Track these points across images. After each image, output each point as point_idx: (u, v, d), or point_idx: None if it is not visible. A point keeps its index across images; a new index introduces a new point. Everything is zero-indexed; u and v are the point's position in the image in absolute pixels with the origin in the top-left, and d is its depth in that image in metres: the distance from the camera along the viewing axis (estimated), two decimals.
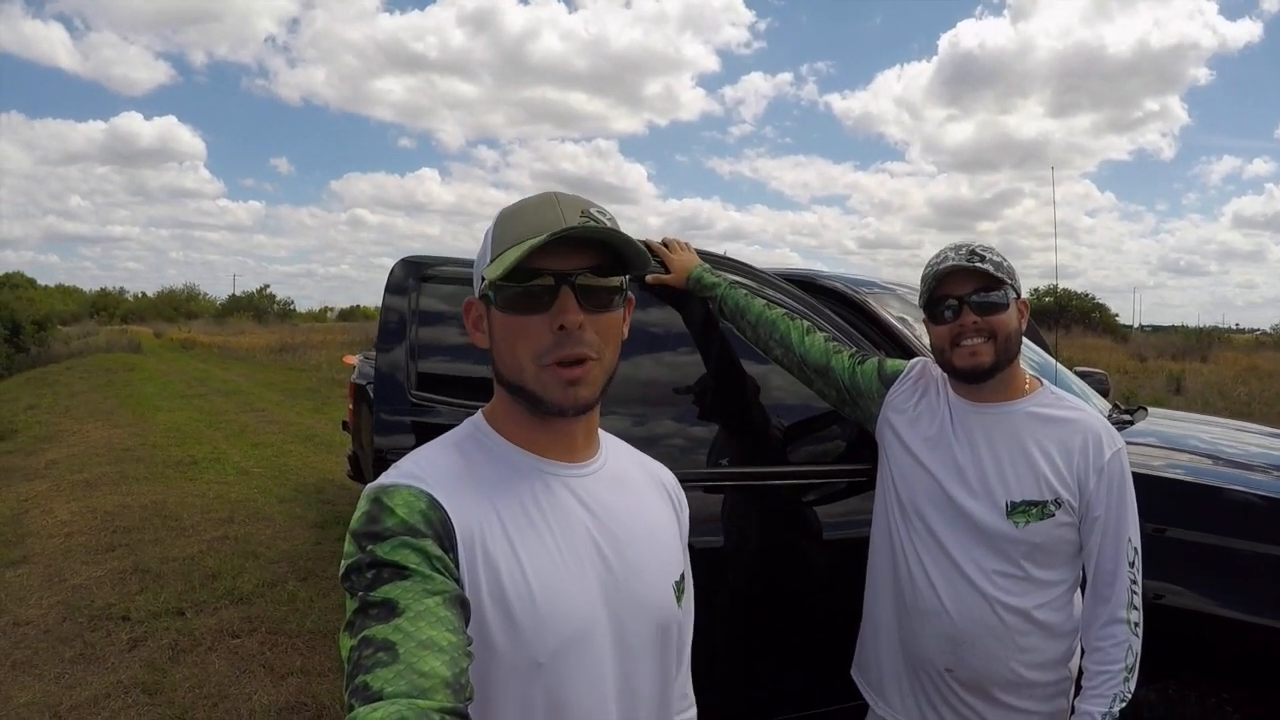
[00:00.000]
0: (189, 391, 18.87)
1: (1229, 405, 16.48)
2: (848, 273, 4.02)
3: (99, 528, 7.61)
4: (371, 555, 1.10)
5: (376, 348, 3.20)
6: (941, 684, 2.18)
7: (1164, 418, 4.49)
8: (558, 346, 1.24)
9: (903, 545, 2.23)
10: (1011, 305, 2.13)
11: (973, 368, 2.11)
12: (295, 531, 7.59)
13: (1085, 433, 2.11)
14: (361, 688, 0.97)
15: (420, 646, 1.00)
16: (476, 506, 1.22)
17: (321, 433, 12.97)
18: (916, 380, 2.34)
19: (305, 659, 4.96)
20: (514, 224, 1.27)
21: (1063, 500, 2.07)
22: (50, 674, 4.75)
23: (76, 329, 42.72)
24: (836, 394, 2.47)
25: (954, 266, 2.10)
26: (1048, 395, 2.20)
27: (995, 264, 2.10)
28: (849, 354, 2.48)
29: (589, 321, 1.25)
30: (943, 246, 2.21)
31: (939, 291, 2.15)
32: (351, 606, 1.08)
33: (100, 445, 11.79)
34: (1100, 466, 2.07)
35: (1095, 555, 2.07)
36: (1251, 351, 31.92)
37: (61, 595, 5.94)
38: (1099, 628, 2.05)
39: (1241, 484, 2.97)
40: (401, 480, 1.21)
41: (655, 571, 1.36)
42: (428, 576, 1.09)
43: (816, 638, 2.70)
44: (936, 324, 2.17)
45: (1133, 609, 2.03)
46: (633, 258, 1.29)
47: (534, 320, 1.24)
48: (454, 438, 1.35)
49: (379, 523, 1.14)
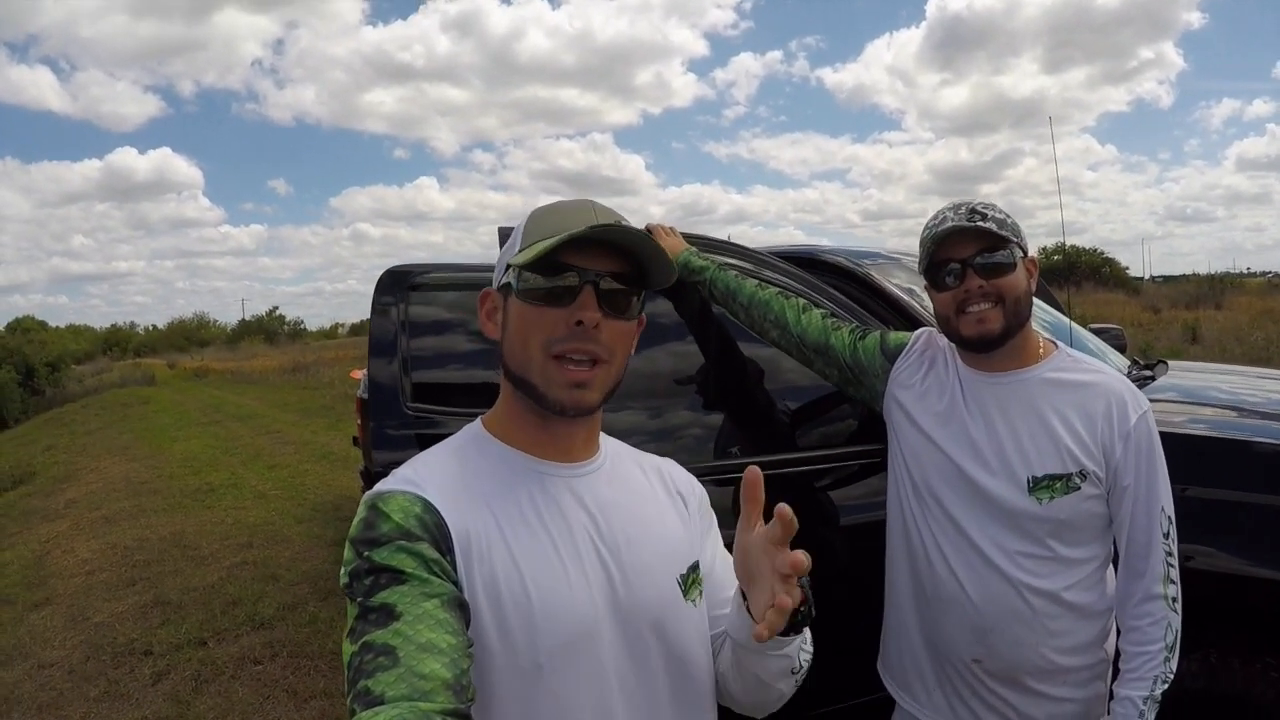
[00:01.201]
0: (204, 419, 18.96)
1: (1247, 351, 16.33)
2: (852, 246, 3.92)
3: (119, 563, 7.63)
4: (369, 561, 1.11)
5: (369, 361, 3.13)
6: (970, 676, 2.05)
7: (1184, 370, 4.38)
8: (571, 339, 1.24)
9: (919, 531, 2.10)
10: (1019, 265, 1.96)
11: (981, 335, 1.95)
12: (314, 551, 7.58)
13: (1108, 396, 1.95)
14: (363, 692, 0.99)
15: (420, 649, 1.02)
16: (473, 510, 1.22)
17: (337, 450, 12.95)
18: (922, 352, 2.20)
19: (328, 681, 4.93)
20: (548, 219, 1.29)
21: (1088, 471, 1.92)
22: (76, 715, 4.74)
23: (90, 367, 43.08)
24: (839, 373, 2.34)
25: (953, 228, 1.95)
26: (1064, 358, 2.05)
27: (999, 221, 1.95)
28: (849, 330, 2.34)
29: (605, 324, 1.25)
30: (940, 207, 2.06)
31: (939, 255, 1.99)
32: (352, 613, 1.09)
33: (118, 480, 11.84)
34: (1126, 432, 1.92)
35: (1126, 527, 1.92)
36: (1265, 295, 31.66)
37: (85, 634, 5.94)
38: (1134, 605, 1.90)
39: (1268, 435, 2.86)
40: (397, 486, 1.21)
41: (657, 569, 1.33)
42: (425, 580, 1.10)
43: (839, 630, 2.61)
44: (939, 290, 2.01)
45: (1170, 583, 1.89)
46: (655, 273, 1.31)
47: (553, 312, 1.25)
48: (453, 443, 1.35)
49: (375, 529, 1.15)
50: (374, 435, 3.01)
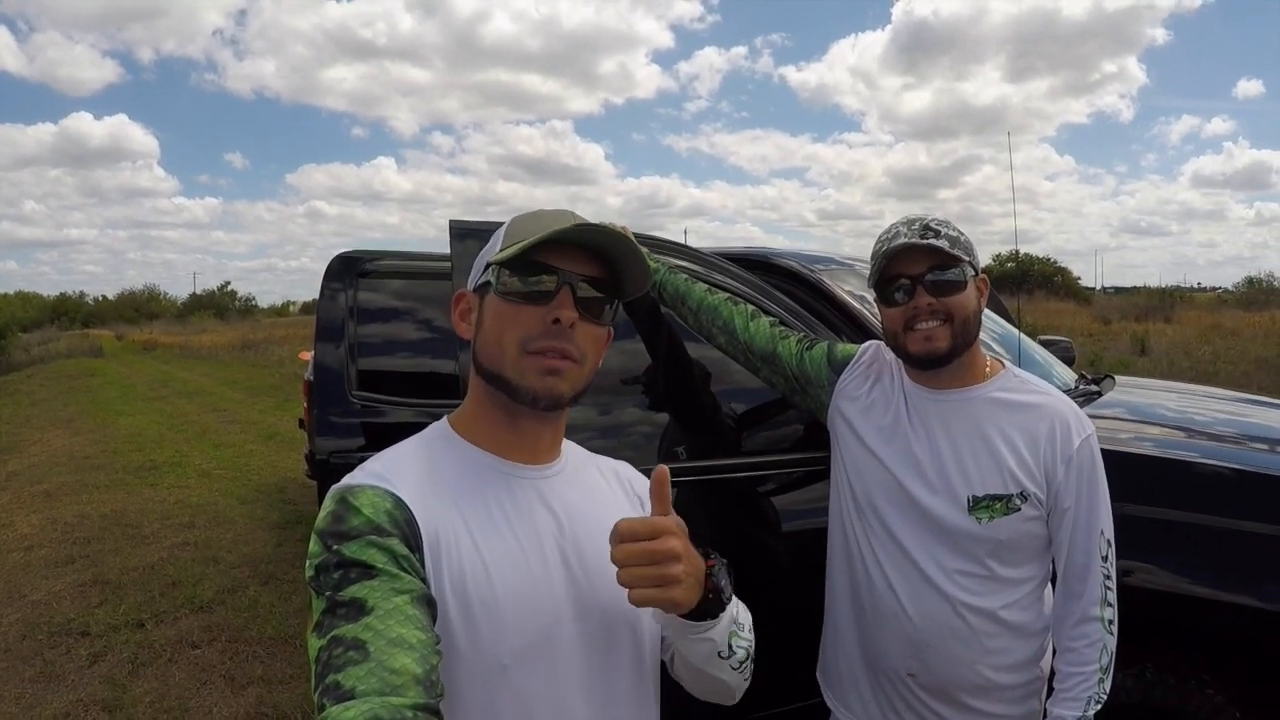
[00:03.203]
0: (151, 394, 18.73)
1: (1194, 365, 16.61)
2: (807, 247, 3.91)
3: (59, 540, 7.51)
4: (338, 555, 1.10)
5: (315, 347, 3.10)
6: (905, 689, 2.04)
7: (1132, 386, 4.42)
8: (546, 336, 1.25)
9: (859, 544, 2.10)
10: (969, 284, 1.94)
11: (928, 353, 1.93)
12: (256, 534, 7.52)
13: (1052, 419, 1.95)
14: (333, 687, 0.97)
15: (390, 644, 1.01)
16: (441, 508, 1.22)
17: (284, 430, 12.87)
18: (869, 365, 2.19)
19: (266, 667, 4.89)
20: (530, 223, 1.31)
21: (1029, 493, 1.92)
22: (10, 695, 4.67)
23: (37, 335, 42.25)
24: (785, 382, 2.32)
25: (905, 244, 1.92)
26: (1010, 379, 2.03)
27: (951, 239, 1.92)
28: (796, 339, 2.32)
29: (580, 325, 1.27)
30: (894, 220, 2.03)
31: (890, 270, 1.96)
32: (319, 607, 1.08)
33: (61, 454, 11.67)
34: (1069, 455, 1.92)
35: (1066, 550, 1.93)
36: (1215, 310, 32.29)
37: (21, 612, 5.86)
38: (1071, 626, 1.91)
39: (1213, 456, 2.89)
40: (367, 480, 1.21)
41: None
42: (395, 575, 1.09)
43: (779, 633, 2.62)
44: (888, 306, 1.99)
45: (1107, 605, 1.90)
46: (631, 281, 1.34)
47: (529, 310, 1.26)
48: (420, 440, 1.35)
49: (345, 522, 1.13)
50: (318, 422, 2.98)
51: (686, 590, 1.13)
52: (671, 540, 1.12)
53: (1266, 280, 40.58)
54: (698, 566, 1.17)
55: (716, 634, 1.26)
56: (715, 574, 1.21)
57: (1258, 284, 40.67)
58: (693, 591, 1.15)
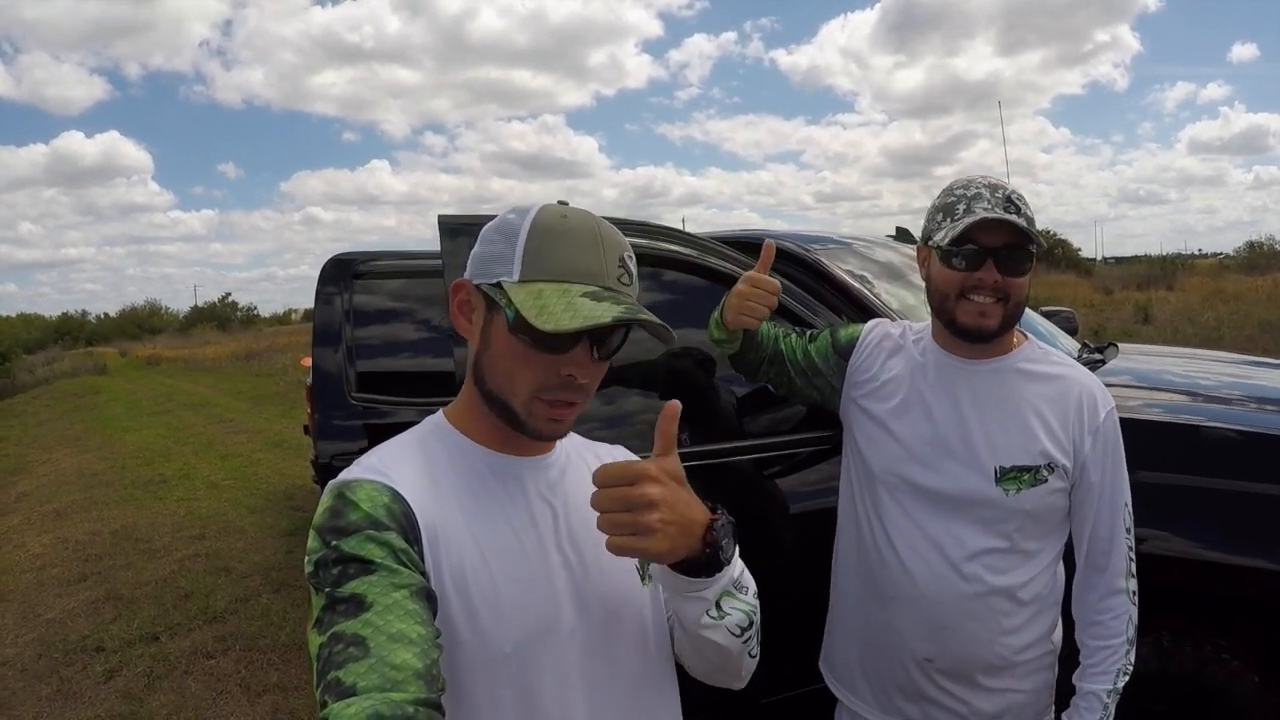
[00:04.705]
0: (156, 408, 18.74)
1: (1198, 331, 16.56)
2: (807, 228, 3.89)
3: (71, 558, 7.52)
4: (336, 550, 1.09)
5: (313, 351, 3.09)
6: (920, 675, 2.00)
7: (1136, 353, 4.40)
8: (560, 388, 1.24)
9: (871, 527, 2.05)
10: (1031, 267, 1.89)
11: (978, 328, 1.87)
12: (267, 542, 7.53)
13: (1079, 390, 1.92)
14: (334, 683, 0.97)
15: (391, 640, 1.01)
16: (438, 502, 1.22)
17: (290, 438, 12.86)
18: (877, 344, 2.14)
19: (281, 674, 4.90)
20: (555, 249, 1.22)
21: (1057, 464, 1.88)
22: (28, 714, 4.67)
23: (41, 356, 42.32)
24: (789, 379, 2.25)
25: (991, 218, 1.81)
26: (1035, 350, 2.00)
27: (1029, 219, 1.84)
28: (796, 335, 2.28)
29: (591, 367, 1.25)
30: (970, 176, 1.93)
31: (966, 234, 1.85)
32: (318, 603, 1.07)
33: (70, 472, 11.67)
34: (1096, 427, 1.89)
35: (1090, 523, 1.91)
36: (1216, 276, 32.14)
37: (36, 631, 5.86)
38: (1097, 600, 1.90)
39: (1221, 419, 2.88)
40: (364, 475, 1.20)
41: (617, 558, 1.28)
42: (394, 570, 1.08)
43: (786, 616, 2.60)
44: (947, 267, 1.89)
45: (1130, 577, 1.89)
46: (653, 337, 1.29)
47: (545, 358, 1.22)
48: (416, 434, 1.34)
49: (342, 517, 1.13)
50: (320, 426, 2.97)
51: (665, 540, 1.11)
52: (648, 486, 1.10)
53: (1268, 244, 40.35)
54: (684, 516, 1.14)
55: (710, 593, 1.23)
56: (717, 528, 1.19)
57: (1259, 248, 40.42)
58: (673, 542, 1.12)
